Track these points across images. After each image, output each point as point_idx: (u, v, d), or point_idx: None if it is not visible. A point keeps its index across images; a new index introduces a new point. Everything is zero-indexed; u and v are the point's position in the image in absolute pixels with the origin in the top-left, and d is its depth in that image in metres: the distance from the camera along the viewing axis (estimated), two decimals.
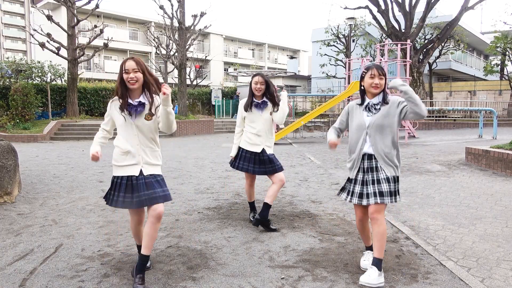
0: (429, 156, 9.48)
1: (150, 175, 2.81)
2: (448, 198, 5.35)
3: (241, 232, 3.96)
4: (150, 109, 2.81)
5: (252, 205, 4.37)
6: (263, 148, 4.01)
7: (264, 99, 3.99)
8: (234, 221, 4.34)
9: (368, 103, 2.97)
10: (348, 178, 3.11)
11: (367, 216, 3.03)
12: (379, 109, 2.92)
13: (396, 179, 2.92)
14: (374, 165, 2.94)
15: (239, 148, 4.13)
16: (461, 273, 2.97)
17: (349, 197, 3.03)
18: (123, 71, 2.77)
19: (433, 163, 8.34)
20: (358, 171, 3.00)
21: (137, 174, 2.78)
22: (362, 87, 3.02)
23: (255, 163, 4.02)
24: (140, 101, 2.80)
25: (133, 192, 2.76)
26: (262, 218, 3.95)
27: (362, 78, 3.02)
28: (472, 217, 4.44)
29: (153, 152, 2.88)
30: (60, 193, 5.70)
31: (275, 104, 4.00)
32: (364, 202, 2.92)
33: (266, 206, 3.93)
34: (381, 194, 2.86)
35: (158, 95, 2.82)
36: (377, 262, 2.82)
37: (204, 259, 3.26)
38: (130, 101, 2.80)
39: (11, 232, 3.94)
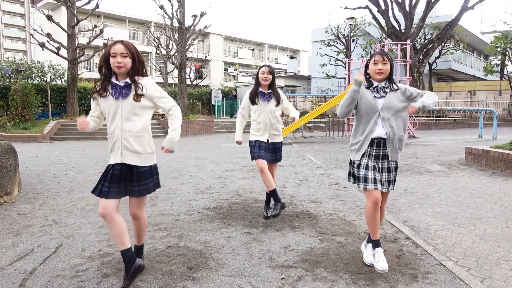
0: (429, 156, 9.48)
1: (129, 165, 2.67)
2: (448, 198, 5.35)
3: (241, 232, 3.96)
4: (136, 91, 2.66)
5: (271, 195, 4.22)
6: (268, 138, 4.20)
7: (270, 90, 4.14)
8: (234, 221, 4.34)
9: (378, 85, 2.99)
10: (353, 162, 3.08)
11: (381, 202, 3.03)
12: (388, 92, 2.97)
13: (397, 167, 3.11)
14: (381, 153, 2.99)
15: (252, 141, 4.22)
16: (461, 273, 2.97)
17: (362, 183, 2.98)
18: (109, 54, 2.61)
19: (433, 163, 8.34)
20: (363, 155, 3.00)
21: (118, 161, 2.66)
22: (368, 75, 3.04)
23: (267, 151, 4.20)
24: (127, 82, 2.65)
25: (119, 182, 2.66)
26: (278, 202, 4.18)
27: (367, 66, 3.05)
28: (472, 217, 4.44)
29: (138, 138, 2.69)
30: (60, 193, 5.70)
31: (278, 98, 4.15)
32: (382, 188, 2.99)
33: (272, 192, 4.18)
34: (391, 182, 3.05)
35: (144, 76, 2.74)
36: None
37: (204, 259, 3.26)
38: (115, 81, 2.67)
39: (11, 232, 3.94)
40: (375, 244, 3.08)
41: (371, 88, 3.01)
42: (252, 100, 4.15)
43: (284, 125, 16.77)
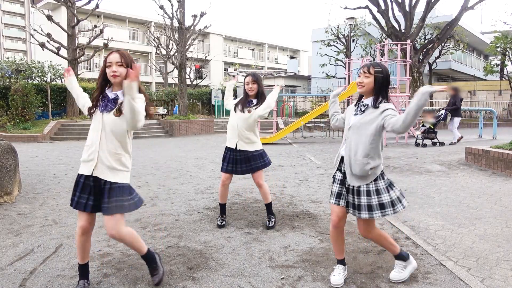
0: (429, 156, 9.48)
1: (105, 181, 2.52)
2: (448, 198, 5.35)
3: (241, 232, 3.96)
4: (120, 106, 2.53)
5: (222, 208, 4.20)
6: (237, 144, 3.93)
7: (257, 99, 4.00)
8: (234, 221, 4.34)
9: (361, 102, 2.74)
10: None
11: (343, 222, 2.81)
12: (364, 111, 2.68)
13: (370, 192, 2.63)
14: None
15: (225, 147, 4.07)
16: (461, 273, 2.97)
17: (332, 198, 2.82)
18: (106, 65, 2.54)
19: (433, 163, 8.34)
20: (336, 171, 2.81)
21: (89, 173, 2.52)
22: None
23: (233, 163, 4.00)
24: (117, 94, 2.56)
25: (89, 194, 2.54)
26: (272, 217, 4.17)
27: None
28: (472, 217, 4.44)
29: (115, 155, 2.55)
30: (60, 193, 5.70)
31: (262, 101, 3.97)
32: (347, 208, 2.76)
33: (268, 205, 4.16)
34: (361, 208, 2.65)
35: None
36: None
37: (204, 259, 3.26)
38: (107, 92, 2.60)
39: (11, 232, 3.94)
40: (340, 262, 2.89)
41: (357, 104, 2.78)
42: (236, 106, 4.00)
43: (284, 125, 16.77)
